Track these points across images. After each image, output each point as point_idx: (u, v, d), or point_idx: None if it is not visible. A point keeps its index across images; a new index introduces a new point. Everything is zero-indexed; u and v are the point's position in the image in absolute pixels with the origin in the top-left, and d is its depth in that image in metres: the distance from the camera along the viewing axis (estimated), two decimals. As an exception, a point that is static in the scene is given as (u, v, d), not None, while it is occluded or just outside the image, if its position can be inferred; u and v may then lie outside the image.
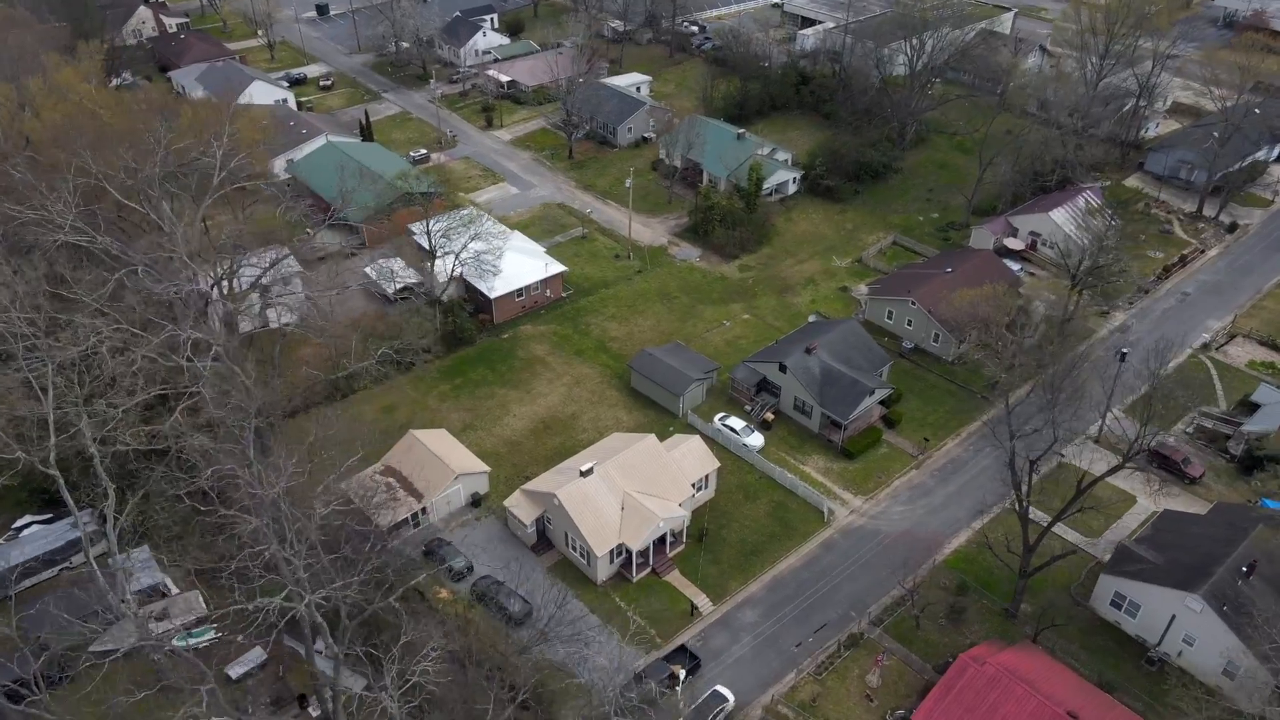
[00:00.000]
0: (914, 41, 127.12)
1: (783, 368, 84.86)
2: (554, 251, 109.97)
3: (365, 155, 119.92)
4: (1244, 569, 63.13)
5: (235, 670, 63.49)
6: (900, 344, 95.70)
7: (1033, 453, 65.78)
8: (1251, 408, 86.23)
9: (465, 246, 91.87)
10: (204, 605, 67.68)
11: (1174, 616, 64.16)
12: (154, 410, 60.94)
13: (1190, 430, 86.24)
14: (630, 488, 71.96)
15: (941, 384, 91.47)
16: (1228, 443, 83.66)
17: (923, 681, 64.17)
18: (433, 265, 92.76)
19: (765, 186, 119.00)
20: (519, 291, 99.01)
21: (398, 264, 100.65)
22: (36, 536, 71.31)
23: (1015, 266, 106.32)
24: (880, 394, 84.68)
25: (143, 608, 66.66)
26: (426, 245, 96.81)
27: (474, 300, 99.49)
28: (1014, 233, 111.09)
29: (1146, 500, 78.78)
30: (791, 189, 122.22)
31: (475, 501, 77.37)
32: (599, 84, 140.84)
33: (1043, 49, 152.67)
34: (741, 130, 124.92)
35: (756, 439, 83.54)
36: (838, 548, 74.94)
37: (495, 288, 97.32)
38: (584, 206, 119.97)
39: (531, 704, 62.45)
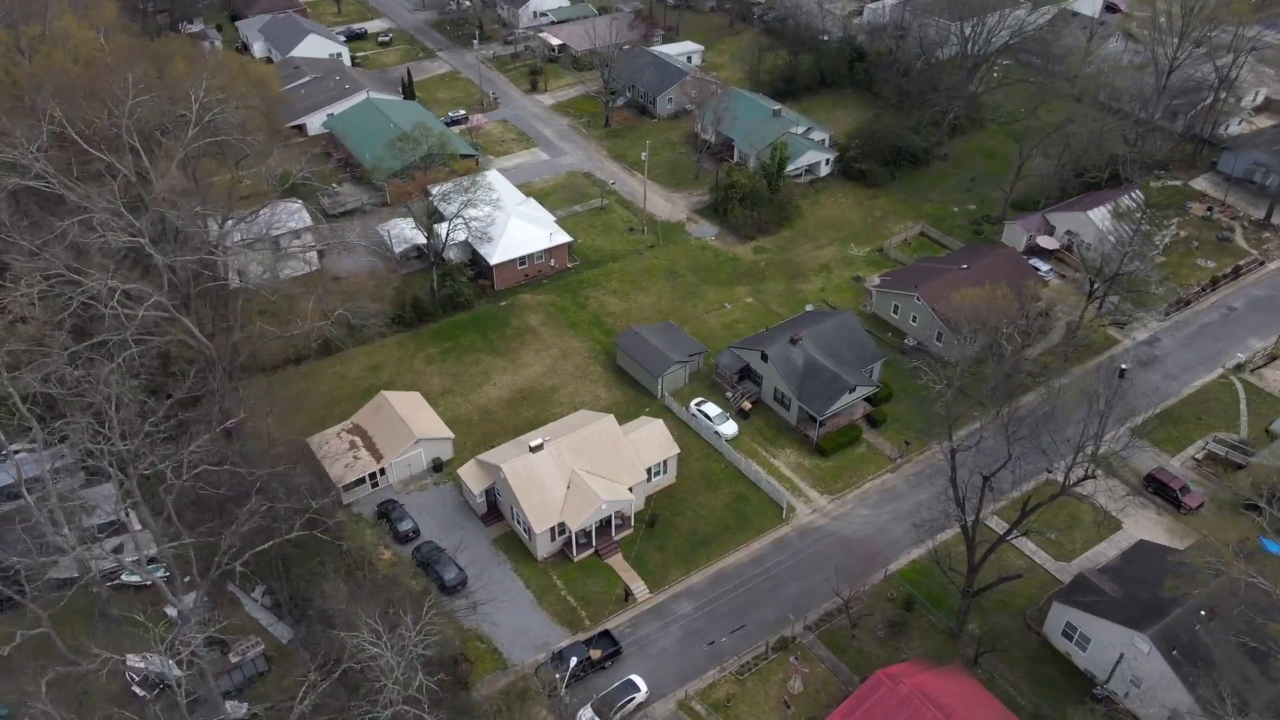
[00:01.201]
0: (970, 21, 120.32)
1: (764, 356, 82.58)
2: (570, 221, 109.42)
3: (401, 113, 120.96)
4: (1204, 613, 58.73)
5: (172, 610, 66.00)
6: (903, 341, 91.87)
7: (987, 468, 62.41)
8: (1271, 438, 79.77)
9: (458, 213, 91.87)
10: (155, 544, 70.44)
11: (1122, 655, 60.30)
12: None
13: (1199, 457, 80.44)
14: (580, 466, 71.45)
15: (938, 385, 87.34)
16: (1239, 473, 77.76)
17: (845, 693, 62.16)
18: (430, 230, 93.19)
19: (796, 167, 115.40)
20: (521, 259, 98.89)
21: (408, 225, 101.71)
22: (31, 462, 75.15)
23: (1044, 267, 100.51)
24: (863, 391, 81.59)
25: (98, 542, 70.01)
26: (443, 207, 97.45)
27: (477, 266, 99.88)
28: (1050, 231, 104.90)
29: (1131, 527, 74.05)
30: (824, 170, 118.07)
31: (437, 467, 78.18)
32: (644, 51, 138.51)
33: (1127, 34, 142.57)
34: (779, 107, 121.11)
35: (730, 427, 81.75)
36: (791, 546, 72.99)
37: (497, 254, 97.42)
38: (609, 177, 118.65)
39: (449, 666, 63.32)
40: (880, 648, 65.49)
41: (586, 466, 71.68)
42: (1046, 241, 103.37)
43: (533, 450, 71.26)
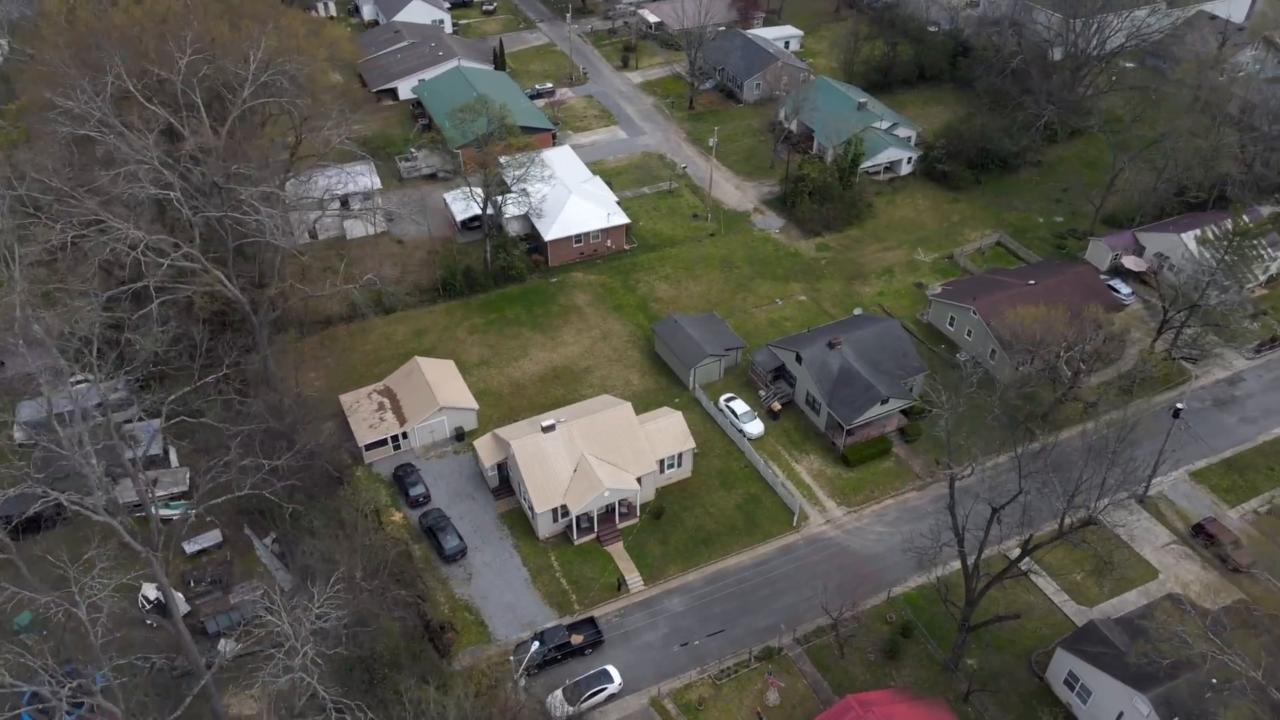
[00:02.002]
0: (1081, 20, 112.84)
1: (799, 358, 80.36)
2: (636, 202, 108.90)
3: (486, 84, 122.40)
4: (1215, 681, 54.21)
5: (191, 546, 69.64)
6: (955, 354, 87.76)
7: (998, 499, 59.13)
8: (1348, 500, 72.81)
9: (509, 188, 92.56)
10: (188, 482, 74.30)
11: (1121, 714, 56.44)
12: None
13: (1262, 510, 74.14)
14: (590, 451, 71.37)
15: (986, 405, 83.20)
16: (1303, 534, 71.39)
17: (820, 713, 60.38)
18: (486, 202, 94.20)
19: (875, 164, 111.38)
20: (577, 238, 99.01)
21: (476, 195, 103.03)
22: (86, 394, 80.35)
23: (1124, 290, 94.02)
24: (897, 404, 78.46)
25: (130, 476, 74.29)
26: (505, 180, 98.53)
27: (535, 240, 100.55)
28: (1139, 251, 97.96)
29: (1168, 578, 69.01)
30: (905, 169, 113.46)
31: (459, 436, 79.52)
32: (738, 33, 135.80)
33: (1269, 42, 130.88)
34: (865, 99, 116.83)
35: (756, 427, 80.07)
36: (795, 554, 71.17)
37: (552, 231, 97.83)
38: (684, 161, 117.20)
39: (435, 631, 64.80)
40: (867, 671, 63.30)
41: (596, 452, 71.53)
42: (1132, 262, 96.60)
43: (544, 430, 71.58)
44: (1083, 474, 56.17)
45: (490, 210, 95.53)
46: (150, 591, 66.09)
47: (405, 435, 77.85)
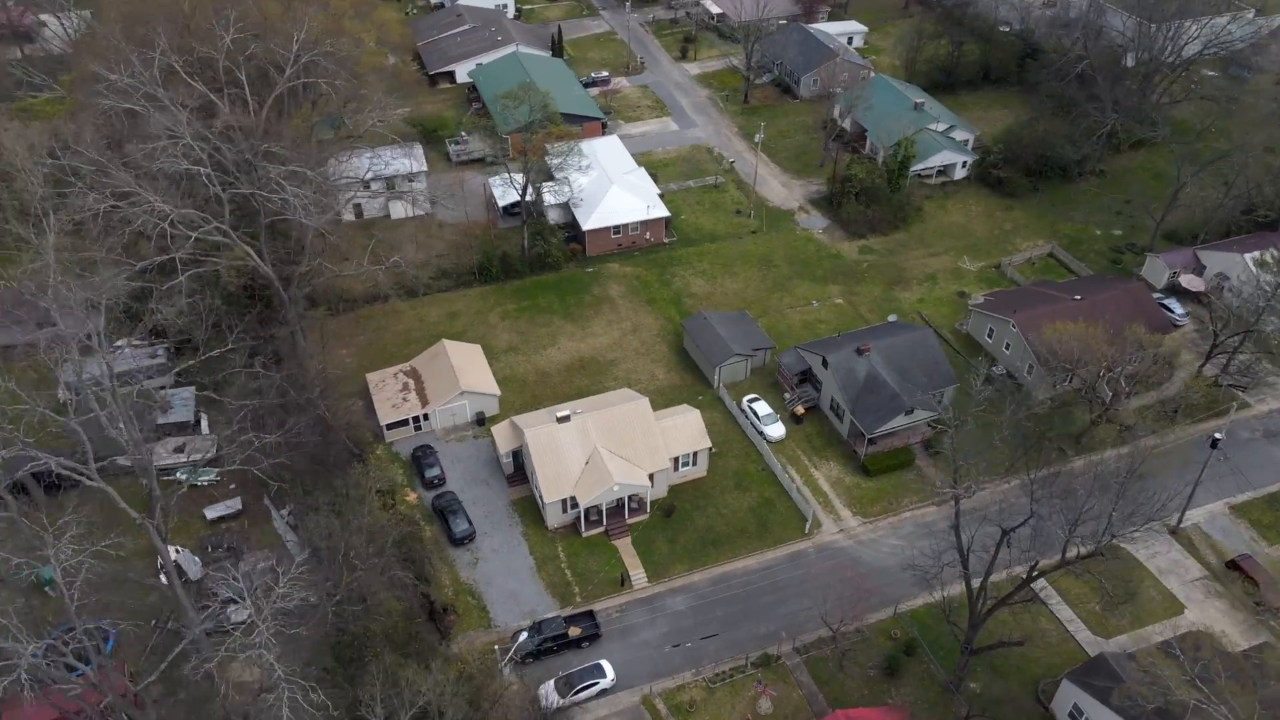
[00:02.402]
0: (1156, 25, 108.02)
1: (825, 362, 78.93)
2: (680, 195, 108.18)
3: (541, 70, 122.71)
4: (1225, 728, 51.69)
5: (211, 512, 71.65)
6: (991, 367, 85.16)
7: (1009, 520, 57.26)
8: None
9: (546, 177, 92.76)
10: (215, 450, 76.38)
11: (1123, 753, 54.25)
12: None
13: (1307, 550, 70.45)
14: (603, 444, 71.25)
15: (1015, 422, 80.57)
16: (1347, 577, 67.62)
17: (813, 725, 59.56)
18: (525, 189, 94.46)
19: (928, 166, 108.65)
20: (615, 228, 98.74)
21: (516, 181, 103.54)
22: (132, 356, 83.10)
23: (1178, 310, 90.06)
24: (923, 415, 76.51)
25: (168, 438, 76.80)
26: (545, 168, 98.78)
27: (573, 229, 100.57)
28: (1199, 270, 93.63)
29: (1195, 614, 66.08)
30: (959, 173, 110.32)
31: (480, 420, 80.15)
32: (800, 27, 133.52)
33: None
34: (921, 100, 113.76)
35: (777, 430, 78.98)
36: (804, 562, 70.06)
37: (591, 221, 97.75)
38: (733, 156, 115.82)
39: (438, 613, 65.70)
40: (866, 686, 62.07)
41: (610, 445, 71.38)
42: (1190, 281, 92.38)
43: (559, 420, 71.70)
44: (1086, 503, 53.76)
45: (530, 197, 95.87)
46: (172, 555, 68.13)
47: (426, 417, 78.77)
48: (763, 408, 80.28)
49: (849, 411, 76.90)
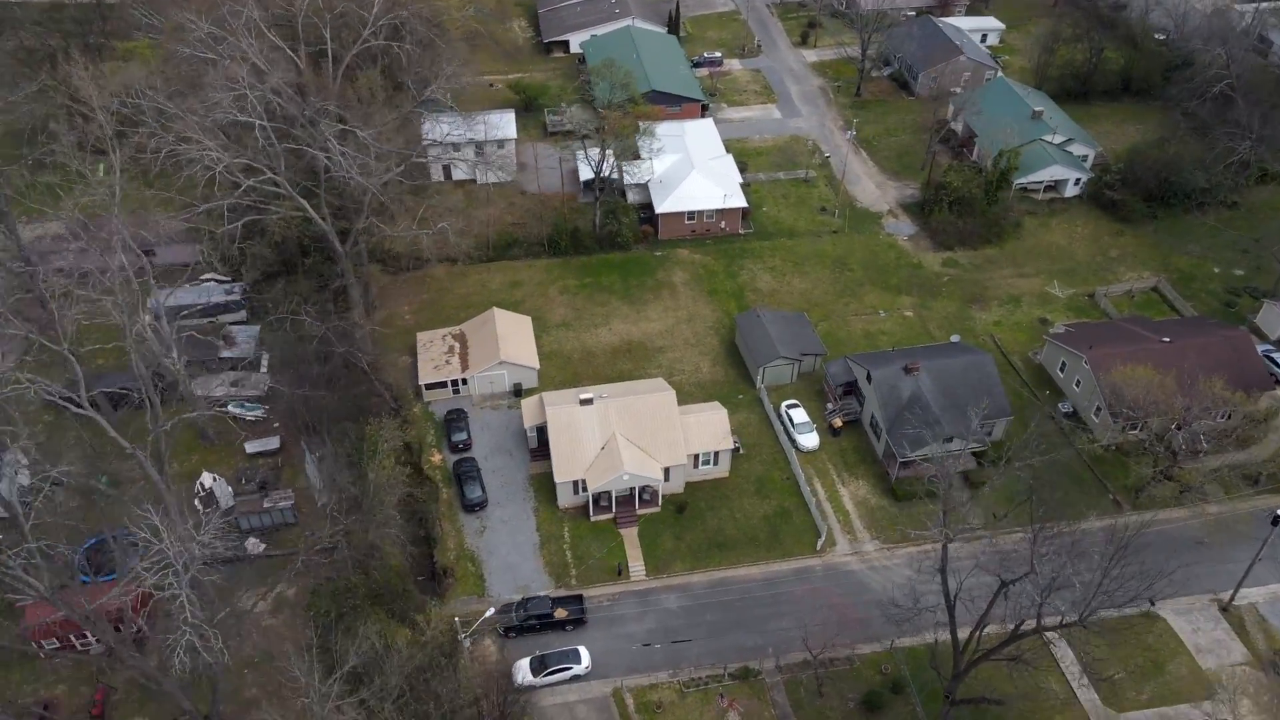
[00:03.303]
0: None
1: (869, 377, 75.69)
2: (767, 186, 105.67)
3: (651, 46, 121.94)
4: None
5: (250, 447, 75.67)
6: (1058, 403, 79.58)
7: (1010, 572, 53.63)
8: None
9: (632, 154, 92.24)
10: (265, 388, 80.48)
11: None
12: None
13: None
14: (622, 431, 70.90)
15: (1074, 465, 75.24)
16: None
17: (776, 748, 57.95)
18: (600, 166, 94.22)
19: (1036, 180, 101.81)
20: (690, 214, 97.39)
21: (590, 157, 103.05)
22: (209, 290, 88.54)
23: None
24: (964, 444, 72.30)
25: (228, 371, 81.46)
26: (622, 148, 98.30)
27: (649, 211, 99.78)
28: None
29: (1223, 704, 60.19)
30: (1070, 190, 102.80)
31: (517, 392, 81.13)
32: (929, 20, 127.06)
33: None
34: (1041, 108, 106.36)
35: (811, 439, 76.49)
36: (809, 579, 67.81)
37: (665, 204, 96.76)
38: (830, 149, 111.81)
39: (439, 574, 67.65)
40: (842, 717, 59.77)
41: (628, 433, 70.96)
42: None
43: (581, 403, 71.78)
44: (1061, 572, 49.75)
45: (610, 174, 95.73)
46: (206, 480, 72.55)
47: (465, 382, 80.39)
48: (800, 415, 77.85)
49: (885, 430, 73.61)
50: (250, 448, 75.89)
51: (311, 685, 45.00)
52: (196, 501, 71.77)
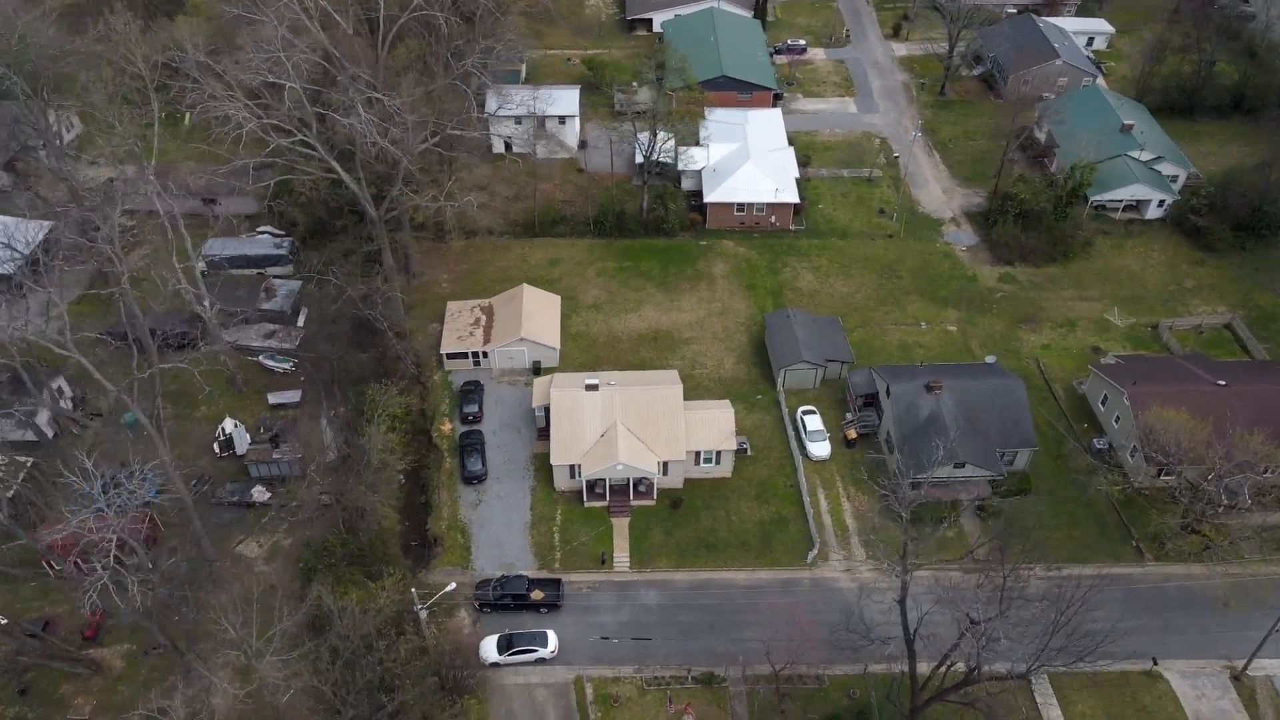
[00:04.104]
0: None
1: (889, 390, 72.93)
2: (828, 184, 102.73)
3: (731, 29, 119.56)
4: None
5: (273, 398, 78.37)
6: (1093, 439, 75.03)
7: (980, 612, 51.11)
8: None
9: (659, 140, 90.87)
10: (297, 341, 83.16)
11: None
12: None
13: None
14: (624, 421, 70.44)
15: (1099, 505, 70.87)
16: None
17: (725, 758, 56.99)
18: (650, 150, 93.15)
19: (1114, 198, 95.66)
20: (739, 206, 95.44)
21: (640, 141, 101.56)
22: (260, 243, 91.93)
23: (1361, 423, 74.23)
24: (978, 471, 69.09)
25: (266, 323, 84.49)
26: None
27: (699, 198, 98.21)
28: None
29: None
30: (1152, 212, 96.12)
31: (536, 370, 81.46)
32: (1030, 19, 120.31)
33: None
34: (1132, 121, 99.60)
35: (822, 448, 74.37)
36: (794, 591, 66.11)
37: (714, 193, 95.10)
38: (900, 150, 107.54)
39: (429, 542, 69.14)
40: (800, 737, 58.36)
41: (629, 424, 70.45)
42: (1392, 394, 75.66)
43: (587, 388, 71.59)
44: (996, 623, 46.96)
45: (666, 158, 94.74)
46: (228, 425, 75.68)
47: (485, 355, 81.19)
48: (814, 422, 75.74)
49: (897, 448, 70.89)
50: (273, 399, 78.64)
51: (246, 640, 46.49)
52: (215, 445, 75.17)
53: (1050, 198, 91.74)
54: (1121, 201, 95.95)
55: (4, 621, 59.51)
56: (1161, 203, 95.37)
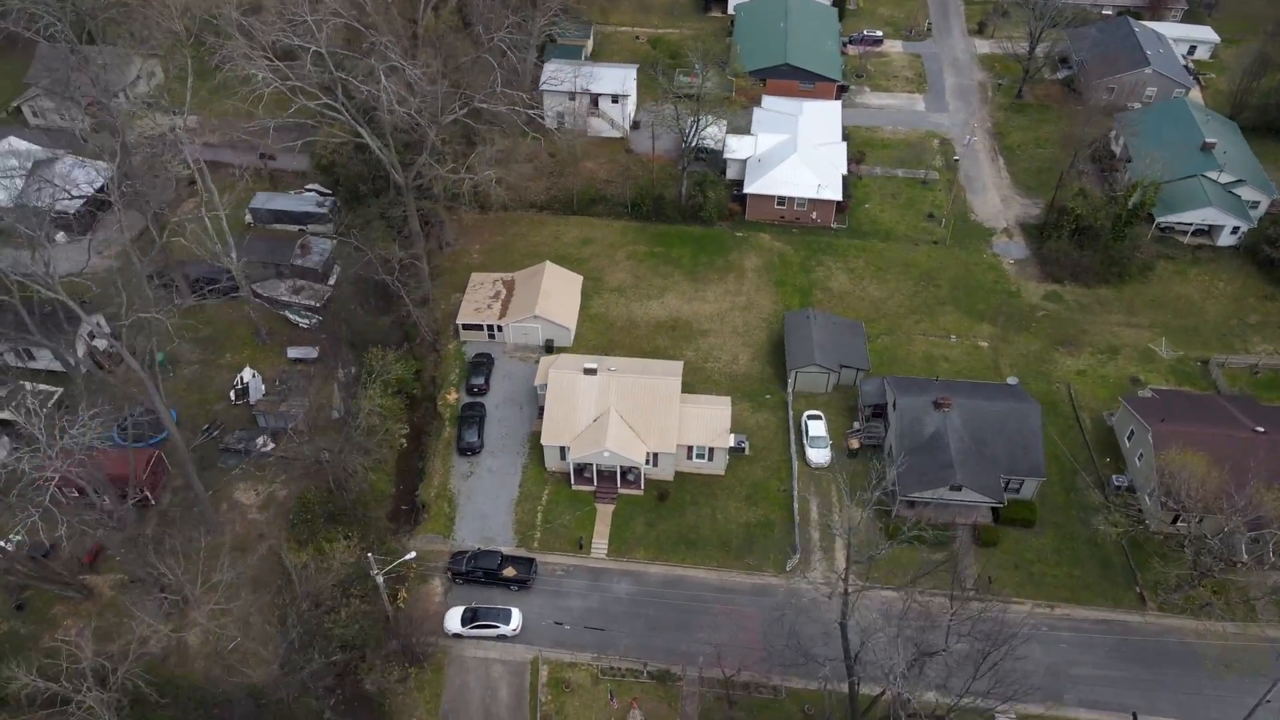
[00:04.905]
0: None
1: (894, 404, 70.41)
2: (880, 183, 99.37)
3: (804, 15, 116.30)
4: None
5: (292, 352, 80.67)
6: (1113, 475, 70.90)
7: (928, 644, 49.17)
8: None
9: (700, 126, 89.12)
10: (324, 300, 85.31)
11: None
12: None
13: None
14: (617, 408, 69.99)
15: (1106, 546, 66.96)
16: None
17: (665, 757, 56.48)
18: (692, 136, 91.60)
19: (1183, 222, 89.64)
20: (779, 199, 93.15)
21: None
22: (305, 200, 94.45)
23: None
24: (974, 496, 66.16)
25: (297, 279, 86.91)
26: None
27: (741, 188, 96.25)
28: None
29: None
30: (1225, 239, 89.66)
31: (549, 348, 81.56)
32: (1126, 22, 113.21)
33: None
34: (1214, 140, 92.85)
35: (821, 455, 72.43)
36: (766, 599, 64.73)
37: (754, 185, 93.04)
38: (962, 153, 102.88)
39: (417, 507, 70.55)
40: (745, 746, 57.36)
41: (623, 411, 69.94)
42: None
43: (585, 371, 71.34)
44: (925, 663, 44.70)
45: (694, 144, 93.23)
46: (246, 374, 78.32)
47: (500, 329, 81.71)
48: (817, 428, 73.75)
49: (896, 463, 68.40)
50: (292, 353, 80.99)
51: (183, 585, 48.22)
52: (232, 393, 77.94)
53: (1109, 215, 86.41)
54: (1191, 225, 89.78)
55: (10, 546, 63.08)
56: (1236, 229, 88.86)
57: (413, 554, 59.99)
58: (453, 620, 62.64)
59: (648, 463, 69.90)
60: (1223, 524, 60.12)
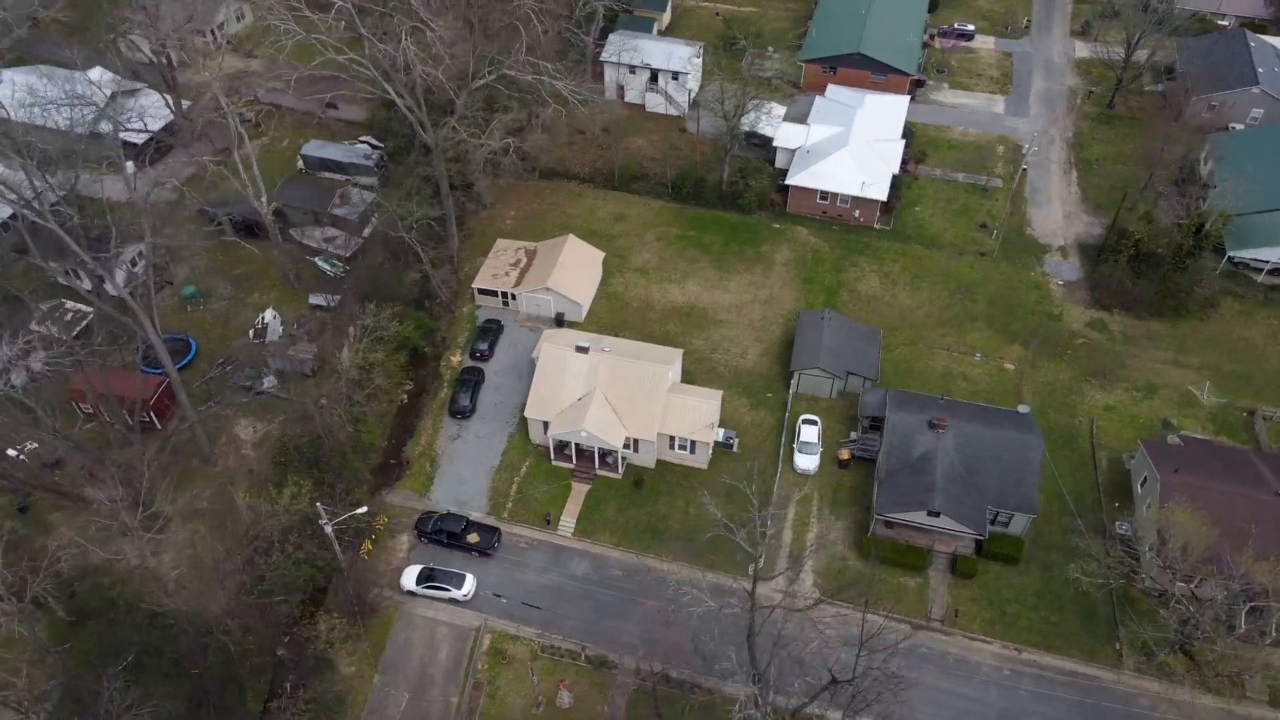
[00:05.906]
0: None
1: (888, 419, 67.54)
2: (936, 185, 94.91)
3: (888, 4, 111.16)
4: None
5: (313, 298, 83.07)
6: (1118, 521, 66.31)
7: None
8: None
9: (738, 115, 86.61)
10: (350, 249, 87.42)
11: None
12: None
13: None
14: (604, 389, 69.51)
15: (1092, 595, 62.72)
16: None
17: (582, 743, 56.34)
18: (736, 120, 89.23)
19: (1259, 258, 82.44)
20: (822, 194, 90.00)
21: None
22: (354, 151, 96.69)
23: None
24: (954, 525, 63.00)
25: (330, 227, 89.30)
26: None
27: (784, 179, 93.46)
28: None
29: None
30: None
31: (559, 321, 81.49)
32: (1239, 34, 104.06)
33: None
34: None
35: (808, 462, 70.31)
36: (723, 598, 63.08)
37: (797, 177, 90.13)
38: (1033, 162, 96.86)
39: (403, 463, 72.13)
40: (666, 745, 56.65)
41: (609, 393, 69.42)
42: None
43: (578, 350, 71.02)
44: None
45: (737, 130, 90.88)
46: (268, 315, 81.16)
47: (514, 297, 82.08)
48: (809, 434, 71.50)
49: (879, 480, 65.76)
50: (313, 299, 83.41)
51: (121, 512, 50.56)
52: (251, 331, 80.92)
53: (1171, 243, 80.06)
54: (1268, 263, 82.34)
55: (23, 456, 67.54)
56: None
57: (364, 508, 61.32)
58: (408, 578, 63.93)
59: (627, 447, 69.34)
60: (1222, 589, 55.46)
